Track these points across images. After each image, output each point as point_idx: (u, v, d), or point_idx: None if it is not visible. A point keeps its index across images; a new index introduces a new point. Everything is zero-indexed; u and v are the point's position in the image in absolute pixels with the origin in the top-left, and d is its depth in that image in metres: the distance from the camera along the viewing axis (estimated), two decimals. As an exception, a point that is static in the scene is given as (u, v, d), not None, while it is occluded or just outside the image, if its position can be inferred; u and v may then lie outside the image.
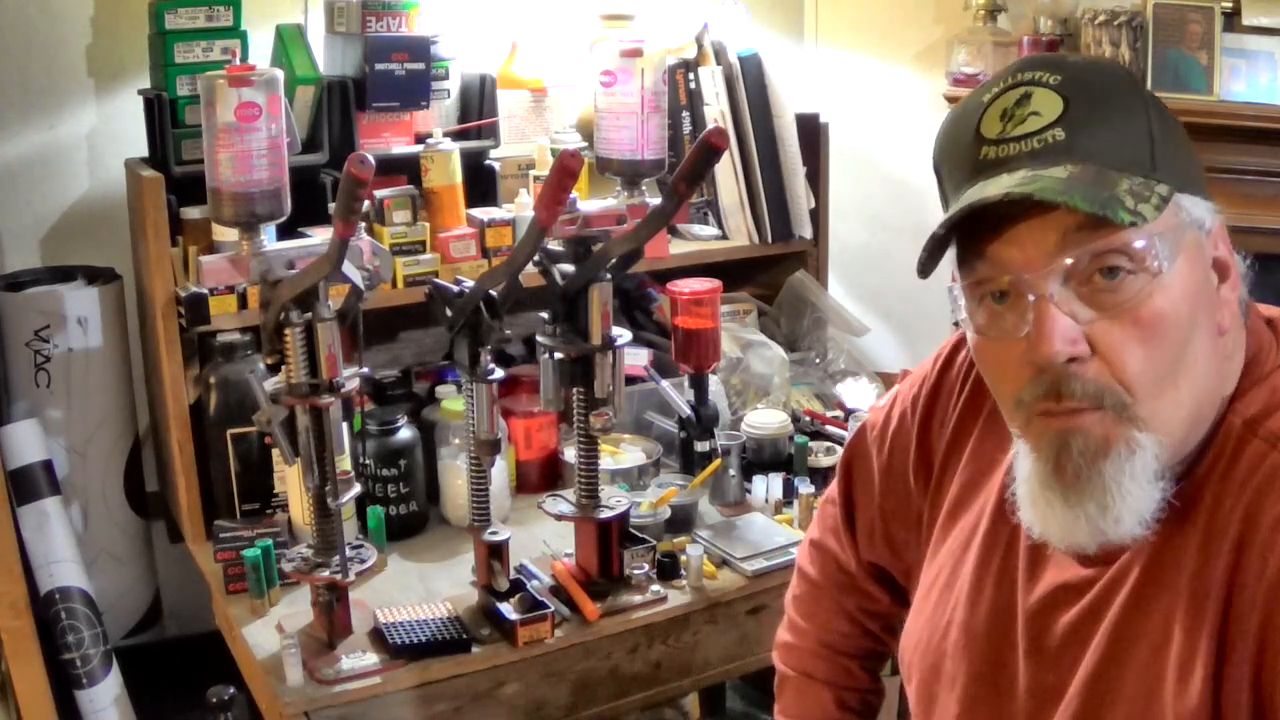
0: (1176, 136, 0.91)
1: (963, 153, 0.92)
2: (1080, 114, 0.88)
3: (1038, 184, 0.84)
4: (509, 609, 1.69)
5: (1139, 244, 0.85)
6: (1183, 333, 0.87)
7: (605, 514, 1.75)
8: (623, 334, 1.69)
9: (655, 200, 1.68)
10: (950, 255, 0.93)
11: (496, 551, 1.72)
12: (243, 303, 1.95)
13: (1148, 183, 0.86)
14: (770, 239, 2.45)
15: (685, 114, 2.43)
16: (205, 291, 1.92)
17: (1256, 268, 0.96)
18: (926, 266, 0.91)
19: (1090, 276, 0.86)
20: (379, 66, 2.08)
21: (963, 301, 0.93)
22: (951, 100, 2.68)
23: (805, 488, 2.04)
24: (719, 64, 2.40)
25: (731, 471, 2.08)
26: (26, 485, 2.08)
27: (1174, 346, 0.87)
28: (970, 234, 0.90)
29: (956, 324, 1.00)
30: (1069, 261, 0.86)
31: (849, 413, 2.37)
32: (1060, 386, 0.88)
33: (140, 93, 2.10)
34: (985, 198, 0.85)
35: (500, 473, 2.00)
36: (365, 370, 1.65)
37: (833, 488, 1.32)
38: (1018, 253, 0.88)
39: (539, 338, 1.70)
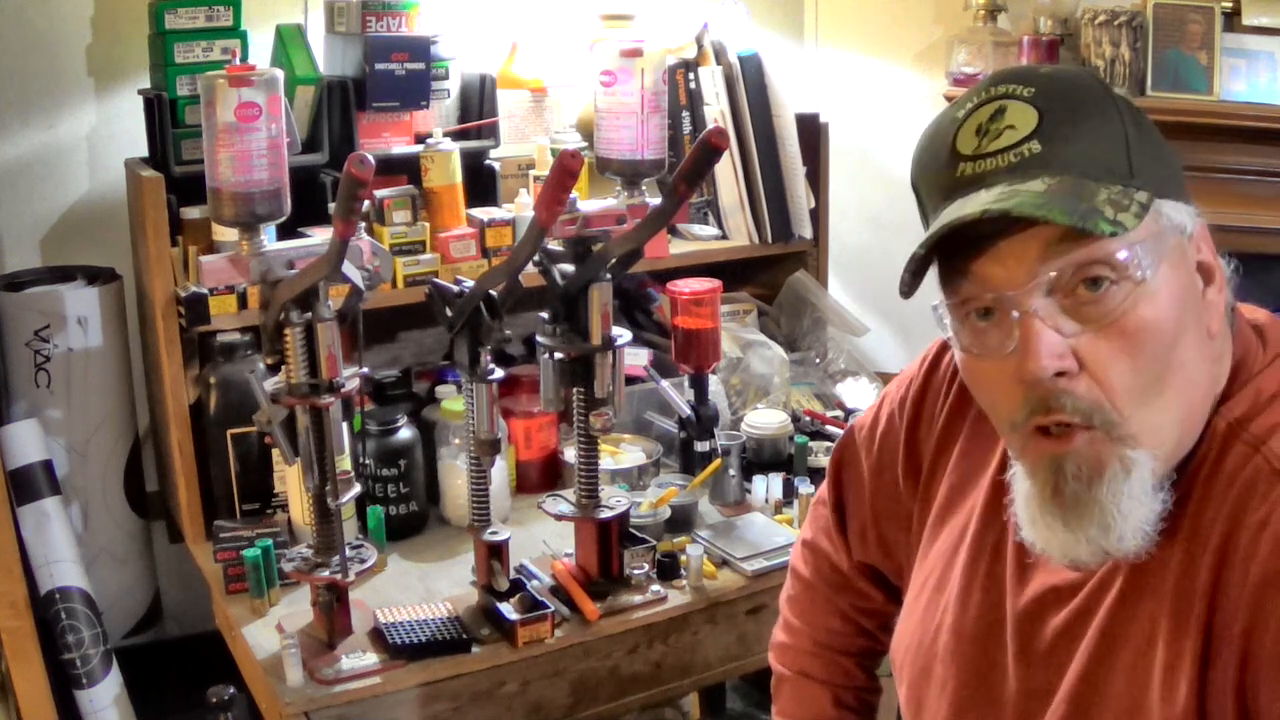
0: (1153, 142, 0.90)
1: (940, 170, 0.91)
2: (1055, 125, 0.87)
3: (1015, 199, 0.84)
4: (509, 609, 1.69)
5: (1121, 254, 0.85)
6: (1170, 339, 0.87)
7: (605, 514, 1.75)
8: (623, 334, 1.69)
9: (655, 200, 1.67)
10: (933, 273, 0.92)
11: (496, 551, 1.72)
12: (243, 303, 1.96)
13: (1126, 191, 0.85)
14: (770, 239, 2.45)
15: (685, 114, 2.43)
16: (205, 291, 1.92)
17: (1241, 271, 0.95)
18: (910, 287, 0.91)
19: (1074, 289, 0.86)
20: (379, 66, 2.08)
21: (948, 320, 0.93)
22: (951, 100, 2.67)
23: (805, 488, 2.04)
24: (719, 64, 2.40)
25: (731, 471, 2.08)
26: (26, 485, 2.08)
27: (1161, 353, 0.86)
28: (952, 252, 0.89)
29: None
30: (1052, 275, 0.86)
31: (849, 413, 2.37)
32: (1050, 401, 0.88)
33: (140, 93, 2.10)
34: (963, 216, 0.85)
35: (500, 473, 2.00)
36: (365, 370, 1.65)
37: (823, 489, 1.32)
38: (1000, 269, 0.87)
39: (539, 338, 1.70)
